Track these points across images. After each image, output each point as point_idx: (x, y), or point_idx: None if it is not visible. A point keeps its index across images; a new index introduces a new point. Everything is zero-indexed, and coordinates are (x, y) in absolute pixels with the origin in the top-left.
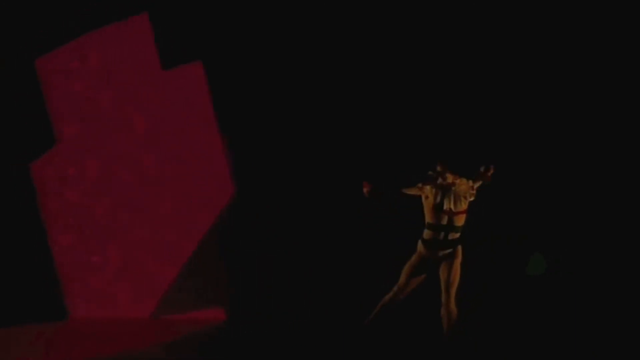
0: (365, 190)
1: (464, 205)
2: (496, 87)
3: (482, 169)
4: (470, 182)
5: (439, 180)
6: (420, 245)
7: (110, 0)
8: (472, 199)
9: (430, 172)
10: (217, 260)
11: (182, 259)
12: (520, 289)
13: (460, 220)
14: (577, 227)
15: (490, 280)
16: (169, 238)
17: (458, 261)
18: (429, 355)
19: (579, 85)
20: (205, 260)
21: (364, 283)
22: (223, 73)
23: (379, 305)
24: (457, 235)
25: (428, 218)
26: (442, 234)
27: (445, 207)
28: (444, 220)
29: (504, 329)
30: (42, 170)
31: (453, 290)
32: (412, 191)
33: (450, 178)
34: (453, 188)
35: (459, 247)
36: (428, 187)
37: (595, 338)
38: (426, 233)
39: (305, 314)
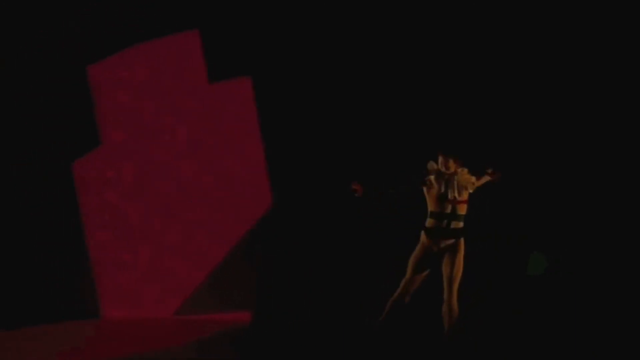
0: (357, 191)
1: (465, 195)
2: (497, 87)
3: (489, 171)
4: (473, 179)
5: (443, 170)
6: (423, 235)
7: (163, 14)
8: (471, 190)
9: (429, 162)
10: (246, 266)
11: (211, 264)
12: (522, 289)
13: (462, 209)
14: (578, 227)
15: (492, 280)
16: (199, 243)
17: (460, 255)
18: (429, 354)
19: (579, 85)
20: (234, 266)
21: (386, 285)
22: (271, 90)
23: (389, 303)
24: (460, 224)
25: (431, 207)
26: (445, 222)
27: (449, 196)
28: (448, 209)
29: (504, 329)
30: (84, 169)
31: (455, 286)
32: (415, 181)
33: (452, 167)
34: (455, 177)
35: (462, 241)
36: (432, 177)
37: (595, 338)
38: (429, 221)
39: (328, 318)
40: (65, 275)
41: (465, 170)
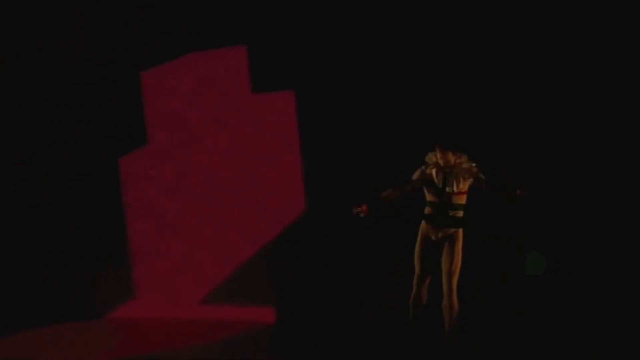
0: (363, 212)
1: (464, 186)
2: (497, 86)
3: (518, 191)
4: (480, 174)
5: (442, 163)
6: (422, 223)
7: (212, 27)
8: (470, 179)
9: (428, 154)
10: (271, 266)
11: (238, 261)
12: (522, 289)
13: (460, 199)
14: (578, 227)
15: (492, 280)
16: (229, 241)
17: (459, 246)
18: (429, 353)
19: (579, 84)
20: (259, 265)
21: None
22: (312, 105)
23: (411, 306)
24: (459, 213)
25: (428, 197)
26: (443, 210)
27: (447, 189)
28: (444, 199)
29: (504, 329)
30: (129, 165)
31: (455, 280)
32: (417, 179)
33: (452, 160)
34: (455, 170)
35: (460, 231)
36: (433, 171)
37: (595, 338)
38: (427, 209)
39: (355, 323)
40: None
41: (465, 158)
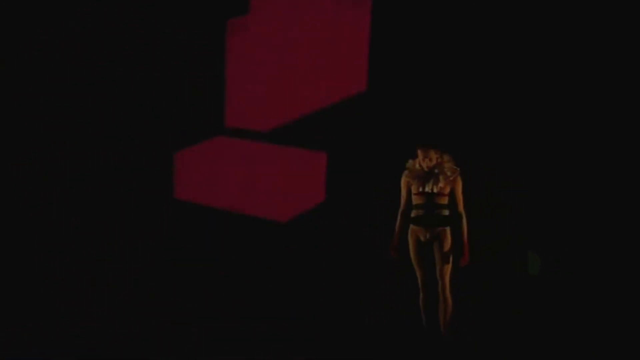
0: (393, 250)
1: (446, 188)
2: (496, 86)
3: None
4: (458, 181)
5: (425, 165)
6: (411, 226)
7: None
8: (452, 177)
9: (408, 160)
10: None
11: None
12: (522, 289)
13: (443, 199)
14: (577, 227)
15: (492, 280)
16: (303, 95)
17: (448, 244)
18: (428, 353)
19: (579, 84)
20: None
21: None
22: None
23: (422, 309)
24: (444, 212)
25: (413, 200)
26: (427, 210)
27: (427, 189)
28: (427, 199)
29: (505, 329)
30: (235, 26)
31: (447, 277)
32: (405, 191)
33: (434, 159)
34: (437, 168)
35: (448, 230)
36: (411, 178)
37: (595, 338)
38: (413, 212)
39: (355, 323)
40: None
41: (447, 157)
